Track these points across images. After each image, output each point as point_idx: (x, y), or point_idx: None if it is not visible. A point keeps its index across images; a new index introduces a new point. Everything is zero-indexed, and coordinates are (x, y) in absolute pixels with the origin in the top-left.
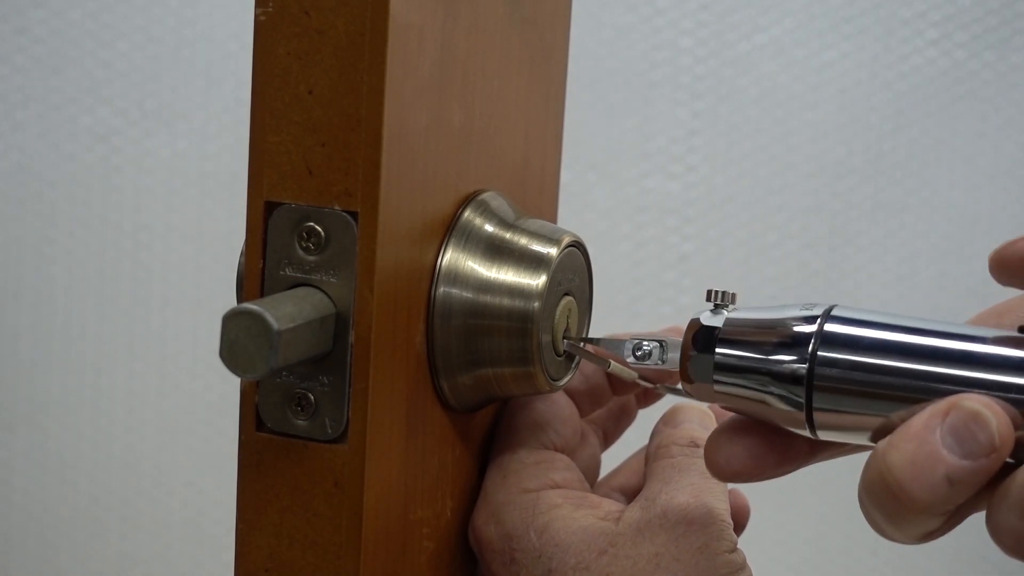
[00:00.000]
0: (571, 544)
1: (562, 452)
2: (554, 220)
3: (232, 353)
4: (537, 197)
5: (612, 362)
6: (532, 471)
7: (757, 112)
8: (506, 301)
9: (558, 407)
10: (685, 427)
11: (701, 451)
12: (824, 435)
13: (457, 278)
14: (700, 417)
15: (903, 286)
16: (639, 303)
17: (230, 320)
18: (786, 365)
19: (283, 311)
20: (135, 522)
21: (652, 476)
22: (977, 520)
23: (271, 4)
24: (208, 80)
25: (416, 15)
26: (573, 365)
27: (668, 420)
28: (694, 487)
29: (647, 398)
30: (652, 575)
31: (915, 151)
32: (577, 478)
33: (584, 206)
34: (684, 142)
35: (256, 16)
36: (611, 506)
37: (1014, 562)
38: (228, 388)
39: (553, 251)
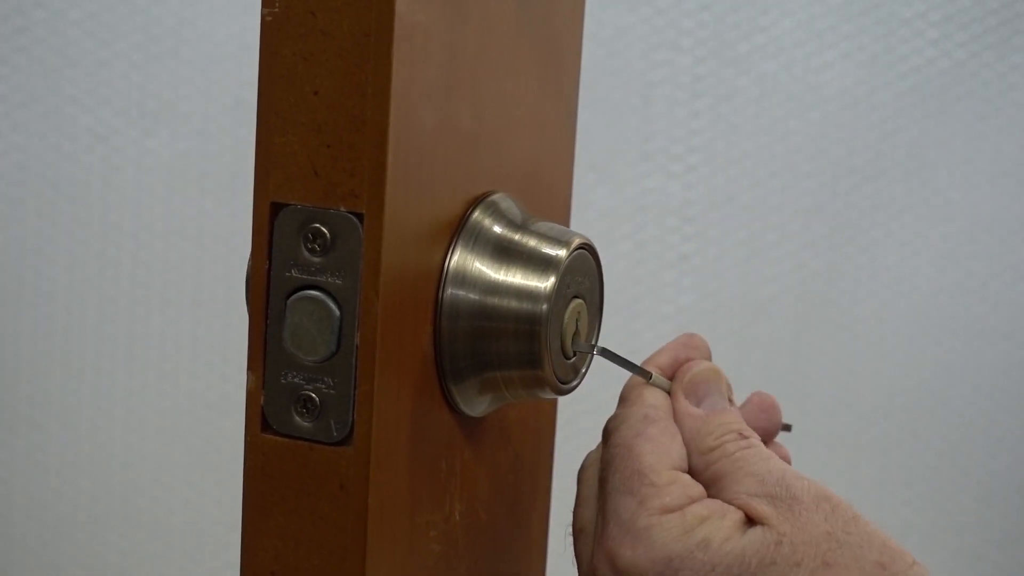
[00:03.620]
0: (743, 549)
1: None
2: (566, 222)
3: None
4: (548, 198)
5: (654, 373)
6: (668, 491)
7: (757, 112)
8: (514, 303)
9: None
10: (720, 415)
11: (752, 439)
12: None
13: (465, 280)
14: (712, 384)
15: (903, 286)
16: (639, 303)
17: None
18: None
19: None
20: (135, 522)
21: (727, 475)
22: (976, 519)
23: (277, 4)
24: (208, 80)
25: (423, 15)
26: (583, 370)
27: (691, 397)
28: (784, 471)
29: None
30: (837, 550)
31: (915, 151)
32: (701, 490)
33: (584, 206)
34: (684, 142)
35: (262, 16)
36: (741, 509)
37: (1014, 562)
38: (228, 388)
39: (562, 253)
